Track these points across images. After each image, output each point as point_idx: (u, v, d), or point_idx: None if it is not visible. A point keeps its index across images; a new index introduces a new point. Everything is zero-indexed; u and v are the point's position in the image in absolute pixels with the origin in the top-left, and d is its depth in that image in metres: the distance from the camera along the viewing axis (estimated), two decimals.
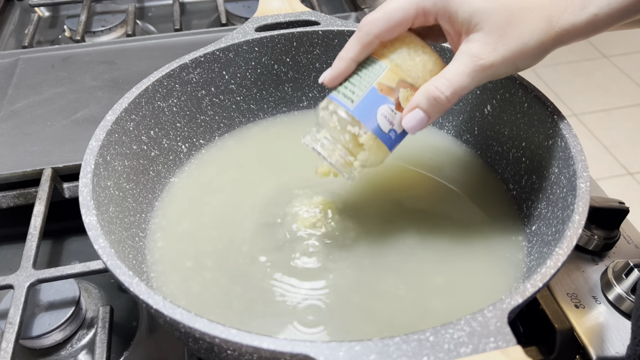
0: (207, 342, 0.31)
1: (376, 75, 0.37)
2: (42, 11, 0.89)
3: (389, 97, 0.37)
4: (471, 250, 0.43)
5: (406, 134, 0.39)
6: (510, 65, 0.35)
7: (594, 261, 0.45)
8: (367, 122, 0.37)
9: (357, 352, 0.27)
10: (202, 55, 0.49)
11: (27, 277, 0.43)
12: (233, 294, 0.40)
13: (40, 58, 0.69)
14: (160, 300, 0.30)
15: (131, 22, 0.80)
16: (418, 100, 0.36)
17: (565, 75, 1.98)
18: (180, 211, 0.47)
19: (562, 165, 0.39)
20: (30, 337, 0.43)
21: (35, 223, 0.47)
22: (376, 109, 0.37)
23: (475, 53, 0.35)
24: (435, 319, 0.37)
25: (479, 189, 0.48)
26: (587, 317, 0.41)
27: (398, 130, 0.38)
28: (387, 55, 0.38)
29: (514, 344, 0.27)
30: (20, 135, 0.56)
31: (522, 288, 0.30)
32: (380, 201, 0.47)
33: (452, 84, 0.35)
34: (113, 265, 0.32)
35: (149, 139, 0.46)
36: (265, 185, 0.49)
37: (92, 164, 0.38)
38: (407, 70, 0.37)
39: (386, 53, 0.38)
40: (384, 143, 0.38)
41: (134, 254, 0.41)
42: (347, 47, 0.38)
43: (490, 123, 0.49)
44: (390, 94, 0.37)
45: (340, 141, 0.38)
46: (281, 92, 0.55)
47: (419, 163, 0.51)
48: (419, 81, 0.37)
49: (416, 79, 0.37)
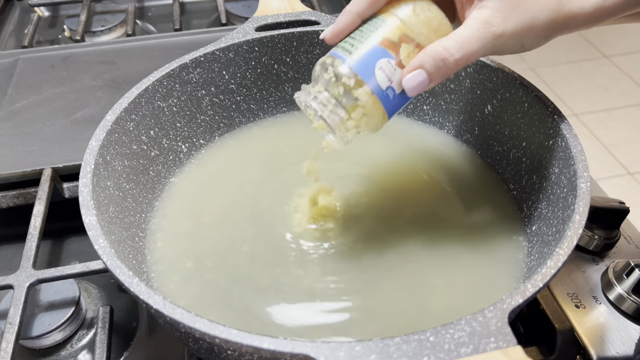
0: (207, 342, 0.31)
1: (377, 29, 0.36)
2: (42, 11, 0.89)
3: (390, 51, 0.35)
4: (471, 250, 0.43)
5: (406, 98, 0.37)
6: (519, 39, 0.35)
7: (594, 261, 0.45)
8: (363, 75, 0.35)
9: (357, 352, 0.27)
10: (202, 55, 0.49)
11: (27, 277, 0.42)
12: (233, 294, 0.40)
13: (40, 58, 0.69)
14: (160, 301, 0.30)
15: (131, 22, 0.80)
16: (423, 60, 0.35)
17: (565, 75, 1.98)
18: (180, 211, 0.47)
19: (563, 165, 0.39)
20: (30, 337, 0.43)
21: (35, 223, 0.47)
22: (375, 62, 0.35)
23: (487, 19, 0.34)
24: (436, 319, 0.37)
25: (479, 189, 0.48)
26: (587, 317, 0.41)
27: (397, 90, 0.36)
28: (391, 11, 0.36)
29: (515, 344, 0.27)
30: (20, 135, 0.56)
31: (523, 288, 0.30)
32: (380, 201, 0.47)
33: (462, 47, 0.34)
34: (113, 265, 0.32)
35: (149, 139, 0.46)
36: (266, 185, 0.48)
37: (92, 164, 0.38)
38: (411, 26, 0.36)
39: (391, 9, 0.36)
40: (381, 101, 0.36)
41: (134, 254, 0.41)
42: (353, 0, 0.37)
43: (490, 123, 0.49)
44: (392, 47, 0.35)
45: (334, 95, 0.36)
46: (281, 92, 0.55)
47: (419, 163, 0.51)
48: (423, 39, 0.36)
49: (420, 35, 0.36)
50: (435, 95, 0.53)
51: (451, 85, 0.51)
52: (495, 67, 0.46)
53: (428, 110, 0.54)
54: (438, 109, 0.54)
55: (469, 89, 0.49)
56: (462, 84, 0.50)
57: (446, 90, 0.52)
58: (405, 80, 0.35)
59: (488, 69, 0.47)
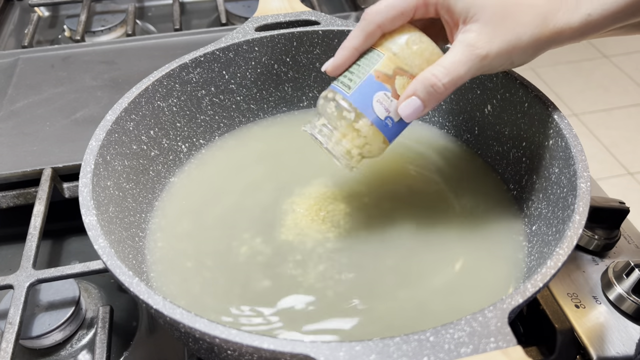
0: (207, 342, 0.31)
1: (374, 64, 0.38)
2: (42, 11, 0.89)
3: (386, 85, 0.38)
4: (471, 250, 0.43)
5: (404, 124, 0.39)
6: (505, 58, 0.36)
7: (594, 261, 0.45)
8: (363, 109, 0.38)
9: (357, 352, 0.27)
10: (202, 55, 0.49)
11: (27, 277, 0.43)
12: (233, 294, 0.40)
13: (40, 58, 0.69)
14: (160, 301, 0.30)
15: (131, 21, 0.80)
16: (415, 88, 0.37)
17: (565, 75, 1.98)
18: (180, 211, 0.47)
19: (563, 165, 0.39)
20: (30, 337, 0.43)
21: (35, 223, 0.47)
22: (372, 96, 0.38)
23: (471, 42, 0.36)
24: (436, 319, 0.37)
25: (479, 189, 0.48)
26: (587, 317, 0.41)
27: (395, 119, 0.38)
28: (385, 44, 0.38)
29: (515, 344, 0.27)
30: (20, 135, 0.56)
31: (523, 288, 0.30)
32: (380, 201, 0.47)
33: (449, 72, 0.36)
34: (113, 265, 0.32)
35: (148, 139, 0.46)
36: (266, 185, 0.48)
37: (92, 164, 0.38)
38: (404, 58, 0.38)
39: (385, 43, 0.39)
40: (381, 131, 0.39)
41: (134, 254, 0.41)
42: (351, 36, 0.39)
43: (490, 123, 0.49)
44: (387, 81, 0.38)
45: (337, 128, 0.39)
46: (281, 92, 0.55)
47: (419, 163, 0.51)
48: (416, 70, 0.38)
49: (413, 67, 0.38)
50: None
51: None
52: None
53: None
54: (438, 109, 0.54)
55: (469, 89, 0.50)
56: (462, 84, 0.50)
57: None
58: (401, 108, 0.37)
59: None
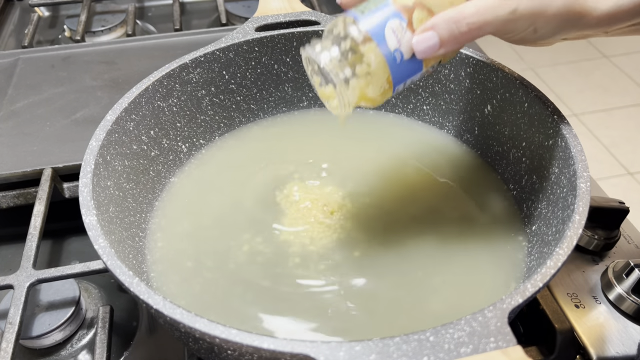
0: (207, 342, 0.31)
1: None
2: (42, 11, 0.89)
3: (402, 13, 0.35)
4: (471, 250, 0.43)
5: (413, 69, 0.36)
6: (530, 22, 0.34)
7: (594, 261, 0.45)
8: (372, 32, 0.35)
9: (357, 352, 0.27)
10: (202, 55, 0.49)
11: (27, 277, 0.43)
12: (233, 294, 0.40)
13: (40, 58, 0.69)
14: (160, 300, 0.30)
15: (131, 22, 0.80)
16: (435, 22, 0.34)
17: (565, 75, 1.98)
18: (180, 211, 0.47)
19: (563, 165, 0.39)
20: (30, 337, 0.43)
21: (35, 223, 0.47)
22: (385, 22, 0.35)
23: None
24: (435, 319, 0.37)
25: (479, 189, 0.48)
26: (587, 317, 0.41)
27: (405, 54, 0.35)
28: None
29: (514, 344, 0.27)
30: (20, 135, 0.56)
31: (523, 288, 0.30)
32: (380, 201, 0.47)
33: (478, 12, 0.34)
34: (113, 265, 0.32)
35: (149, 139, 0.46)
36: (266, 185, 0.48)
37: (92, 164, 0.38)
38: None
39: None
40: (387, 63, 0.35)
41: (134, 254, 0.41)
42: None
43: (490, 123, 0.49)
44: (405, 11, 0.35)
45: (341, 49, 0.35)
46: (281, 92, 0.55)
47: (419, 163, 0.51)
48: (437, 8, 0.35)
49: (435, 3, 0.35)
50: (435, 95, 0.53)
51: (451, 85, 0.51)
52: (495, 67, 0.46)
53: (428, 110, 0.54)
54: (438, 109, 0.54)
55: (469, 89, 0.50)
56: (462, 84, 0.50)
57: (446, 90, 0.52)
58: (416, 41, 0.35)
59: (488, 68, 0.47)
